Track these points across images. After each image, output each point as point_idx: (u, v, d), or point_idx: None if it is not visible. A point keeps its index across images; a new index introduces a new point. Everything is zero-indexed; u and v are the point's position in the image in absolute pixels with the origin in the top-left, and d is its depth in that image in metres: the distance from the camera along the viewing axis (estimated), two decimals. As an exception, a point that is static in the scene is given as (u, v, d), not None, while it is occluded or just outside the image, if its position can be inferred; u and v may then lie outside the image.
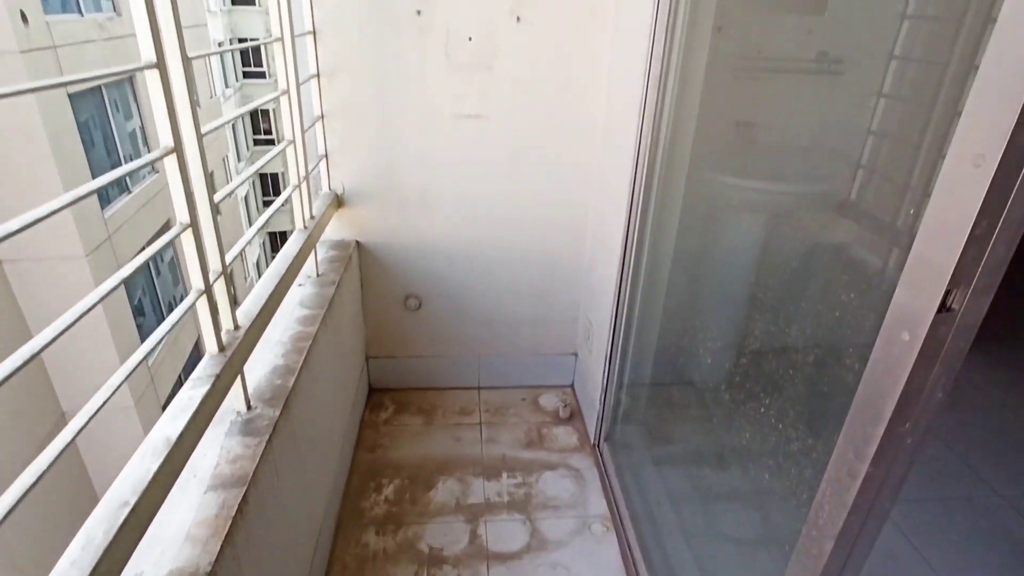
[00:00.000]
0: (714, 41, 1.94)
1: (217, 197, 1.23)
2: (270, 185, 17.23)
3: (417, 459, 2.32)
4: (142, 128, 8.95)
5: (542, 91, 2.21)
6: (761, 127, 2.36)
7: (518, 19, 2.10)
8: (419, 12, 2.05)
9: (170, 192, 1.09)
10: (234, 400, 1.33)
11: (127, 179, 8.12)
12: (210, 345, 1.22)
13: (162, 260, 9.22)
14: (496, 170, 2.32)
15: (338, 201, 2.31)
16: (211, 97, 12.97)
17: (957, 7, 1.74)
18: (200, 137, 1.13)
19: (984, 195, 0.58)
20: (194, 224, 1.11)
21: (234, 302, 1.30)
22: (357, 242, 2.39)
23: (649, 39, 1.78)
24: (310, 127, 2.07)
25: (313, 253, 2.00)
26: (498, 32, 2.11)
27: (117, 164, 8.20)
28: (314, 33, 2.03)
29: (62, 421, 6.57)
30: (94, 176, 7.31)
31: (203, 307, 1.18)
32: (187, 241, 1.12)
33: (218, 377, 1.16)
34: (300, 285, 1.98)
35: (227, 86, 15.59)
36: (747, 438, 2.02)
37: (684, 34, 1.81)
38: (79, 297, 0.78)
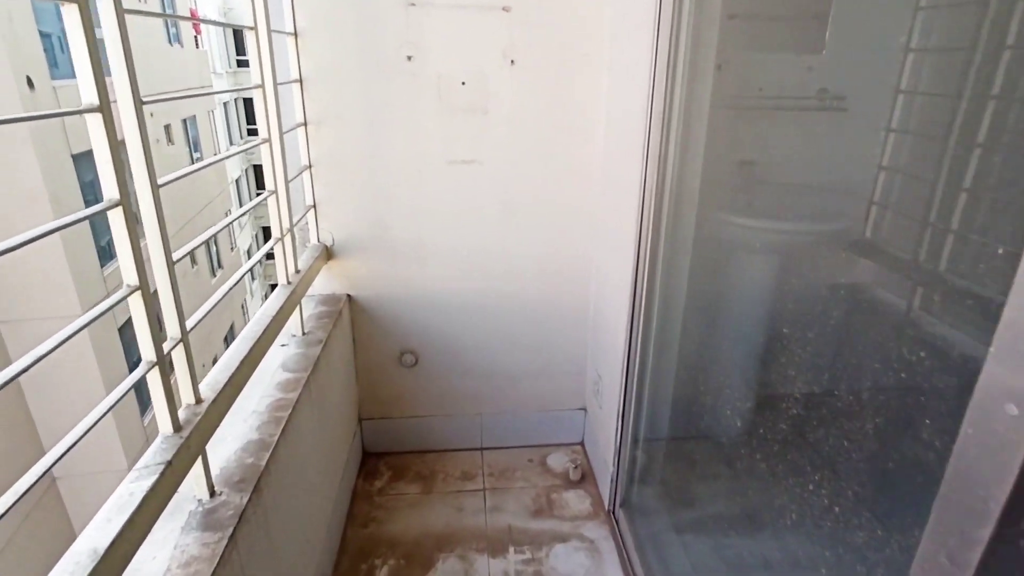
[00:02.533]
0: (716, 80, 1.85)
1: (177, 254, 1.10)
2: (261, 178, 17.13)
3: (414, 534, 2.12)
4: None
5: (538, 134, 2.11)
6: (768, 166, 2.26)
7: (512, 62, 2.01)
8: (409, 57, 1.97)
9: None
10: (195, 485, 1.16)
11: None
12: (163, 425, 1.06)
13: None
14: (492, 217, 2.21)
15: (327, 253, 2.18)
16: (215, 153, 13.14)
17: (966, 35, 1.65)
18: (155, 188, 1.00)
19: None
20: (143, 287, 0.97)
21: (193, 374, 1.15)
22: (348, 296, 2.25)
23: (649, 79, 1.68)
24: (295, 177, 1.96)
25: (298, 310, 1.86)
26: (491, 76, 2.03)
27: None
28: (300, 81, 1.95)
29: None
30: (96, 235, 7.31)
31: (155, 381, 1.02)
32: (136, 306, 0.97)
33: (169, 464, 0.99)
34: (283, 345, 1.83)
35: (231, 142, 15.86)
36: (781, 501, 1.82)
37: (686, 73, 1.71)
38: (75, 356, 0.67)
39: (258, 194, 1.67)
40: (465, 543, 2.07)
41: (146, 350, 1.00)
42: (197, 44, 13.08)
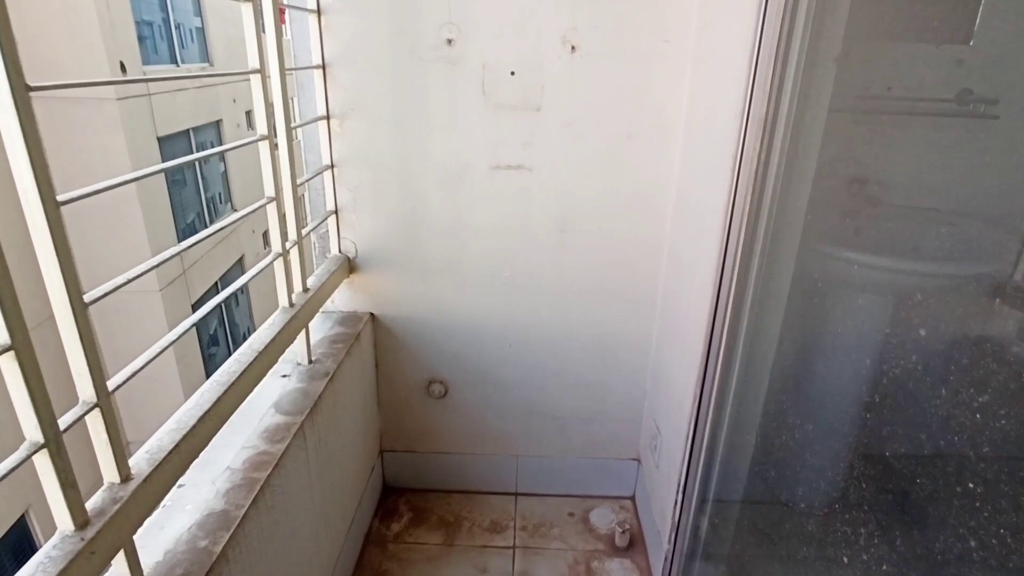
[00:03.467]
0: (838, 75, 1.44)
1: (89, 296, 0.82)
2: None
3: (428, 597, 1.82)
4: (224, 172, 9.31)
5: (601, 138, 1.75)
6: (894, 186, 1.80)
7: (572, 49, 1.66)
8: (449, 41, 1.65)
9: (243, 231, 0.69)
10: (114, 593, 0.89)
11: (208, 218, 8.34)
12: (61, 522, 0.79)
13: (243, 292, 9.45)
14: (542, 234, 1.87)
15: (349, 266, 1.91)
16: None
17: None
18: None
19: None
20: (19, 347, 0.70)
21: (117, 443, 0.87)
22: (372, 315, 1.97)
23: (749, 72, 1.30)
24: (310, 179, 1.69)
25: (304, 335, 1.59)
26: (548, 65, 1.68)
27: (207, 203, 8.52)
28: (323, 67, 1.67)
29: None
30: (176, 216, 7.51)
31: (45, 466, 0.75)
32: (8, 370, 0.70)
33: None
34: (285, 376, 1.57)
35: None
36: None
37: (800, 67, 1.31)
38: (152, 328, 0.44)
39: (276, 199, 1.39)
40: (485, 619, 1.76)
41: (29, 427, 0.73)
42: (283, 32, 13.28)
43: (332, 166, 1.77)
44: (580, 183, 1.80)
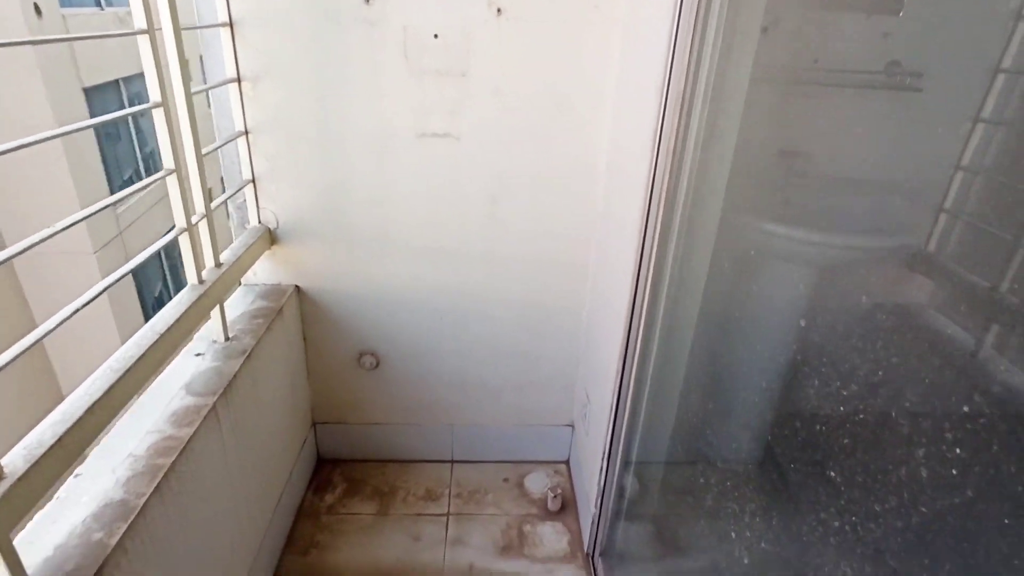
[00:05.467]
0: (760, 47, 1.43)
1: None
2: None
3: (361, 567, 1.83)
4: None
5: (530, 105, 1.71)
6: (813, 158, 1.83)
7: (498, 11, 1.60)
8: (367, 0, 1.56)
9: None
10: (-8, 590, 0.85)
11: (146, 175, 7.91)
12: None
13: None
14: (472, 202, 1.83)
15: (270, 237, 1.83)
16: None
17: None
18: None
19: None
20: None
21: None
22: (296, 287, 1.91)
23: (669, 41, 1.27)
24: (217, 147, 1.60)
25: (219, 311, 1.52)
26: (474, 28, 1.61)
27: (144, 159, 8.07)
28: (231, 24, 1.56)
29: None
30: (107, 169, 7.09)
31: None
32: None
33: None
34: (199, 355, 1.51)
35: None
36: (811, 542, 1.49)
37: (720, 37, 1.29)
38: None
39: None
40: (416, 586, 1.79)
41: None
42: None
43: (246, 132, 1.67)
44: (510, 152, 1.76)
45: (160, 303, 8.29)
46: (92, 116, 6.75)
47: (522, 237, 1.88)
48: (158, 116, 1.24)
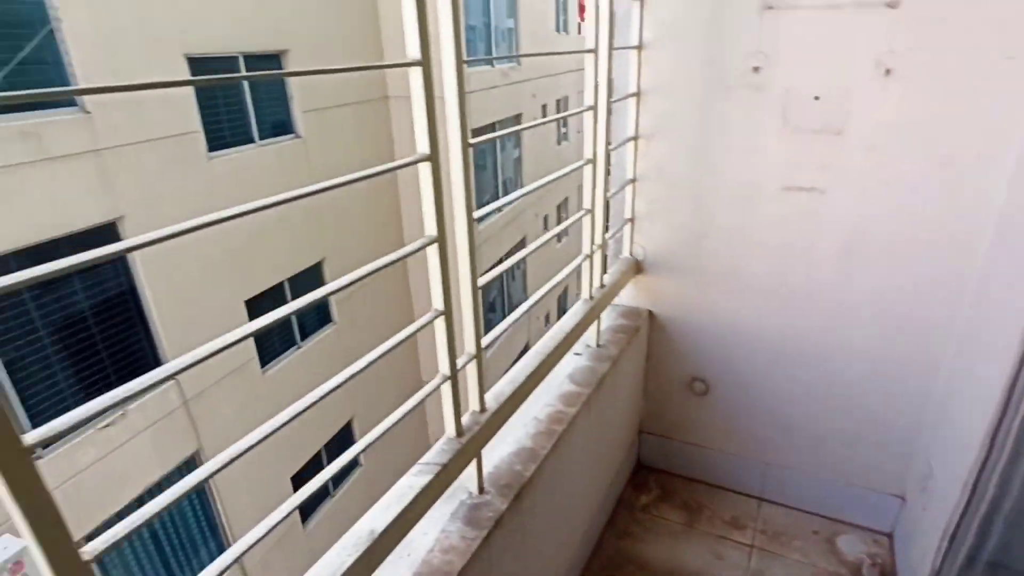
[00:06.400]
0: None
1: (483, 279, 1.21)
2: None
3: (666, 565, 2.05)
4: (519, 159, 10.55)
5: (906, 162, 1.70)
6: None
7: (887, 72, 1.65)
8: (756, 69, 1.78)
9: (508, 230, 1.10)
10: (468, 480, 1.31)
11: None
12: (448, 427, 1.21)
13: (517, 268, 10.86)
14: (826, 252, 1.89)
15: (637, 267, 2.18)
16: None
17: None
18: (466, 147, 1.11)
19: None
20: (447, 313, 1.11)
21: (482, 386, 1.28)
22: (650, 312, 2.23)
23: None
24: (618, 192, 1.99)
25: (596, 323, 1.91)
26: (856, 90, 1.70)
27: (501, 185, 9.87)
28: (638, 95, 1.94)
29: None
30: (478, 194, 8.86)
31: (447, 392, 1.17)
32: (439, 327, 1.12)
33: (444, 468, 1.14)
34: (577, 354, 1.92)
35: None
36: None
37: None
38: None
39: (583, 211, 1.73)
40: (718, 600, 1.92)
41: (443, 364, 1.15)
42: (579, 30, 14.25)
43: (635, 180, 2.04)
44: (875, 207, 1.78)
45: (491, 307, 9.89)
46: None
47: (875, 292, 1.87)
48: (588, 170, 1.65)
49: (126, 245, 0.60)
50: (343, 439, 7.29)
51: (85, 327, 4.43)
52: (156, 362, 4.92)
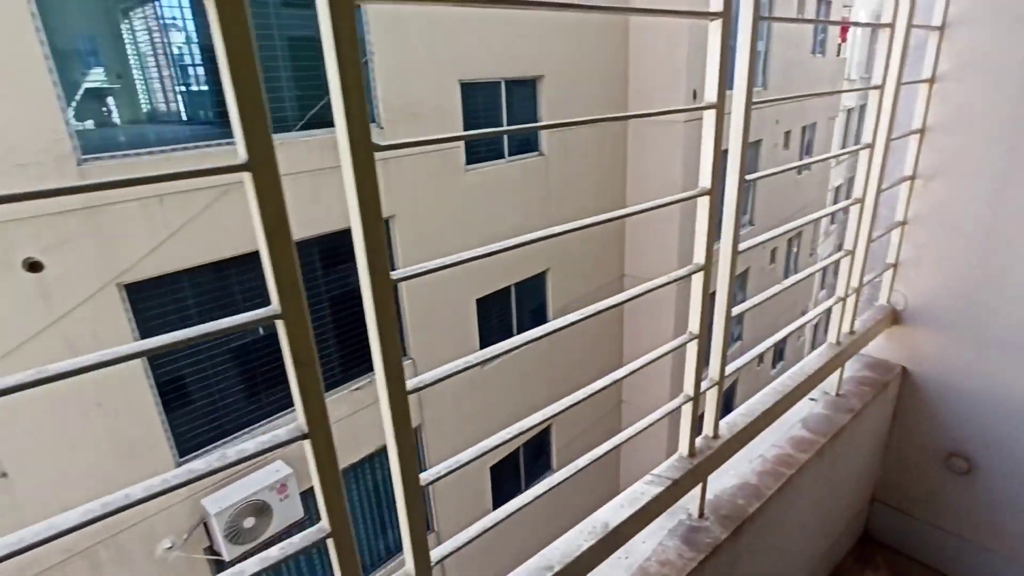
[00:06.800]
0: None
1: (738, 309, 1.24)
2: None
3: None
4: (751, 193, 10.00)
5: None
6: None
7: None
8: (1091, 109, 1.51)
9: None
10: (689, 501, 1.34)
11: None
12: (682, 446, 1.26)
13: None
14: None
15: (894, 316, 1.98)
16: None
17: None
18: (742, 184, 1.15)
19: None
20: (701, 337, 1.16)
21: (719, 413, 1.30)
22: (904, 368, 2.00)
23: None
24: (882, 235, 1.84)
25: (840, 370, 1.79)
26: None
27: None
28: (922, 132, 1.77)
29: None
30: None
31: (687, 412, 1.22)
32: (691, 349, 1.17)
33: (675, 483, 1.19)
34: (811, 400, 1.81)
35: (843, 146, 15.45)
36: None
37: None
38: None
39: (838, 249, 1.65)
40: None
41: (688, 385, 1.20)
42: (839, 52, 13.06)
43: (904, 223, 1.87)
44: None
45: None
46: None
47: None
48: (854, 210, 1.57)
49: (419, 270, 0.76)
50: (542, 442, 7.62)
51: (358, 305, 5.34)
52: (402, 343, 5.69)
